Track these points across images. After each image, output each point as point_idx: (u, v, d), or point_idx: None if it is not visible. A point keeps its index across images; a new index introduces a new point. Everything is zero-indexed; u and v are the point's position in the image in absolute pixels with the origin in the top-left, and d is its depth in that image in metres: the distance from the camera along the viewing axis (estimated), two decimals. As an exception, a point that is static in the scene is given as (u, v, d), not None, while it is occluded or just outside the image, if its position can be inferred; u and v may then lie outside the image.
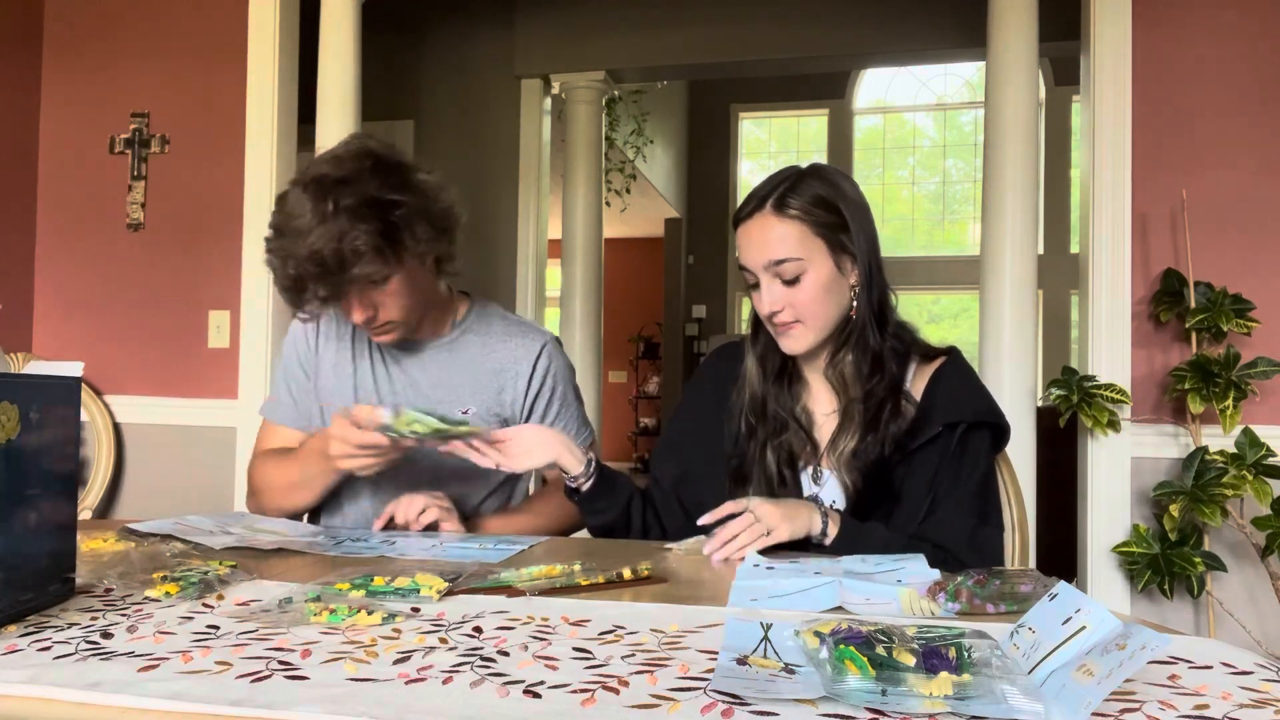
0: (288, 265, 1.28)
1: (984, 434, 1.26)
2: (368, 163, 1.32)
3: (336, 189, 1.27)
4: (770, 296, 1.24)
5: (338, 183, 1.28)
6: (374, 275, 1.31)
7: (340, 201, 1.26)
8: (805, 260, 1.23)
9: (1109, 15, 2.67)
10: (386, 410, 1.22)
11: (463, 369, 1.52)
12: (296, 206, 1.28)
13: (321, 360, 1.54)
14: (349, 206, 1.26)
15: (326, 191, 1.27)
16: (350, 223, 1.26)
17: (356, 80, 3.01)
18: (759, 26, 4.64)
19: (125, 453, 3.16)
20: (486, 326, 1.56)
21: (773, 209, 1.23)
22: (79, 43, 3.23)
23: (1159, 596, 2.55)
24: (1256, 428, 2.47)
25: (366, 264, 1.28)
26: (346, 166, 1.31)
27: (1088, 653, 0.62)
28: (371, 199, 1.28)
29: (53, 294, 3.22)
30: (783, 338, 1.27)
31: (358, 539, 1.26)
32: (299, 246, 1.26)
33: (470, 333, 1.55)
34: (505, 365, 1.52)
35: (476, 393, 1.51)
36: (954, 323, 9.63)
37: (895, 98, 9.79)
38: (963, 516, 1.21)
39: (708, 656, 0.71)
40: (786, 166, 1.31)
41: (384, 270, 1.31)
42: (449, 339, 1.54)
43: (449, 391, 1.50)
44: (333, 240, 1.25)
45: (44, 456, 0.80)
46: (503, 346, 1.54)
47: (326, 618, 0.79)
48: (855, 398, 1.27)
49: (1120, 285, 2.64)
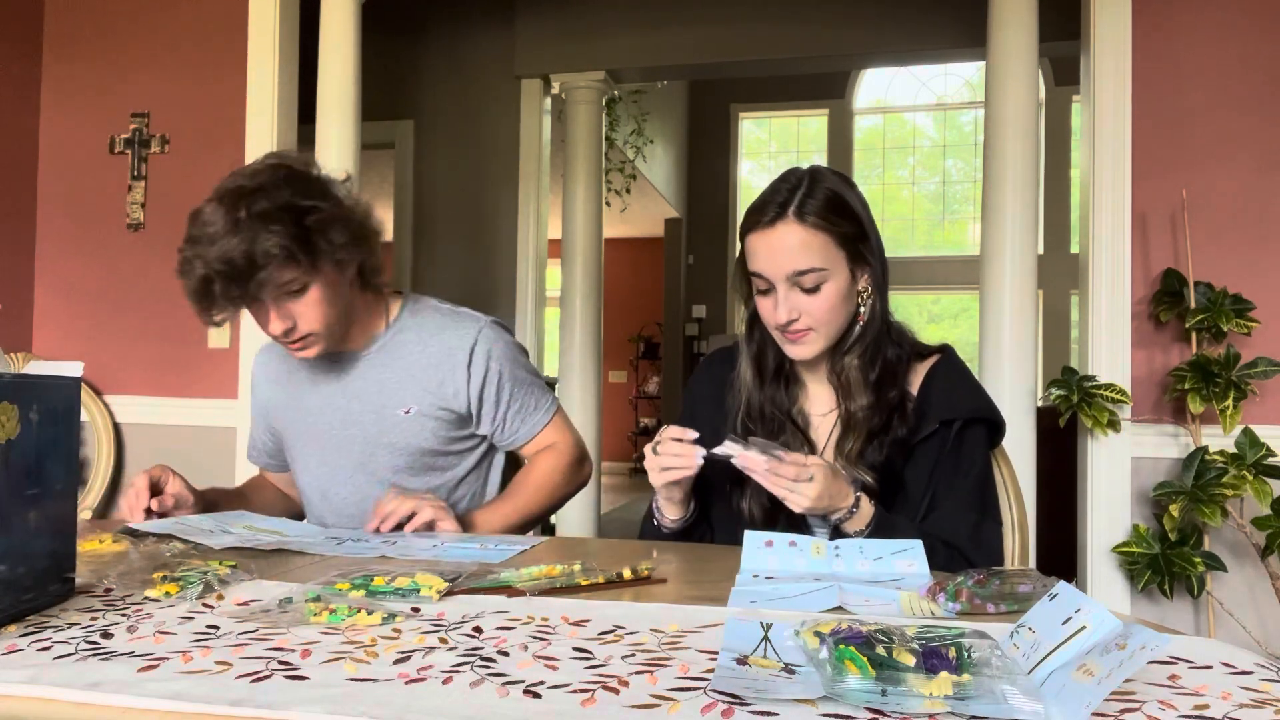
0: (196, 268, 1.28)
1: (980, 430, 1.27)
2: (281, 173, 1.34)
3: (249, 197, 1.29)
4: (788, 305, 1.23)
5: (251, 192, 1.29)
6: (290, 282, 1.32)
7: (252, 208, 1.28)
8: (828, 270, 1.22)
9: (1109, 15, 2.67)
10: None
11: (399, 369, 1.51)
12: (210, 217, 1.29)
13: (273, 402, 1.61)
14: (261, 212, 1.28)
15: (238, 200, 1.28)
16: (262, 225, 1.27)
17: (356, 80, 3.01)
18: (759, 26, 4.63)
19: (125, 453, 3.16)
20: (420, 322, 1.55)
21: (795, 217, 1.21)
22: (79, 43, 3.23)
23: (1159, 596, 2.55)
24: (1256, 428, 2.47)
25: (278, 267, 1.29)
26: (260, 178, 1.32)
27: (1088, 653, 0.62)
28: (284, 204, 1.30)
29: (53, 294, 3.22)
30: (794, 345, 1.26)
31: (358, 539, 1.26)
32: (209, 250, 1.27)
33: (405, 331, 1.54)
34: (441, 358, 1.51)
35: (415, 390, 1.50)
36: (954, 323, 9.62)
37: (895, 98, 9.79)
38: (964, 512, 1.22)
39: (708, 656, 0.71)
40: (790, 170, 1.28)
41: (298, 276, 1.32)
42: (381, 342, 1.53)
43: (389, 394, 1.50)
44: (244, 244, 1.26)
45: (44, 456, 0.80)
46: (436, 339, 1.53)
47: (326, 618, 0.79)
48: (864, 404, 1.26)
49: (1120, 285, 2.64)
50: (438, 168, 4.85)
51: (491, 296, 4.74)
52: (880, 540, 1.10)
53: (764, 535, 1.10)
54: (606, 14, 4.85)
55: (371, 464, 1.51)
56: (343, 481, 1.53)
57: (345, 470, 1.53)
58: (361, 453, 1.51)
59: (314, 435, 1.54)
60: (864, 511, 1.18)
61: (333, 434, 1.53)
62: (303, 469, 1.58)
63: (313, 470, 1.56)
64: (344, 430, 1.52)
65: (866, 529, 1.18)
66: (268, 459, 1.70)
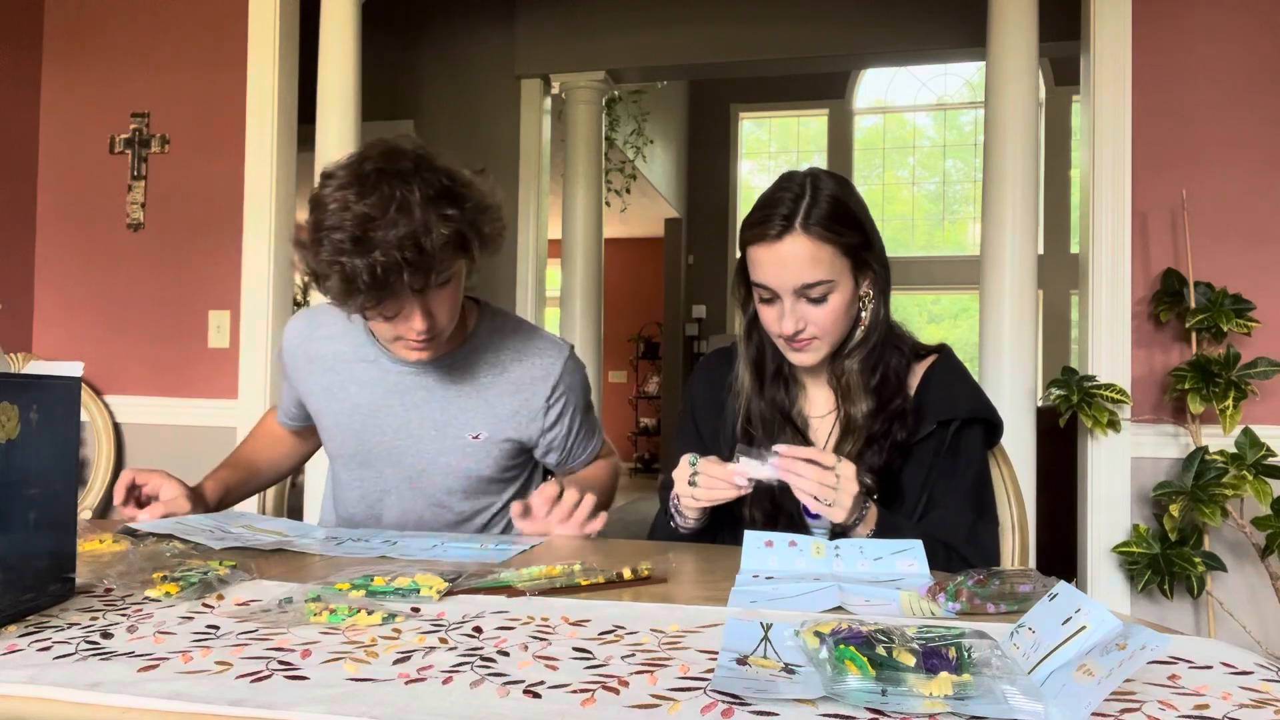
0: (374, 257, 1.13)
1: (977, 430, 1.28)
2: (421, 153, 1.22)
3: (407, 178, 1.16)
4: (794, 316, 1.22)
5: (406, 174, 1.17)
6: (450, 271, 1.21)
7: (419, 191, 1.15)
8: (835, 282, 1.21)
9: (1109, 15, 2.67)
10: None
11: (472, 390, 1.41)
12: (359, 204, 1.14)
13: (311, 388, 1.48)
14: (431, 196, 1.16)
15: (395, 182, 1.15)
16: (434, 209, 1.16)
17: (356, 80, 3.01)
18: (759, 26, 4.63)
19: (125, 453, 3.16)
20: (500, 343, 1.44)
21: (802, 229, 1.19)
22: (79, 43, 3.23)
23: (1159, 596, 2.55)
24: (1256, 428, 2.47)
25: (446, 257, 1.18)
26: (401, 160, 1.19)
27: (1088, 653, 0.62)
28: (445, 188, 1.19)
29: (53, 294, 3.22)
30: (798, 353, 1.26)
31: (358, 539, 1.26)
32: (388, 235, 1.13)
33: (481, 350, 1.43)
34: (520, 386, 1.42)
35: (487, 416, 1.41)
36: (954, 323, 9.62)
37: (895, 98, 9.79)
38: (961, 512, 1.22)
39: (708, 656, 0.71)
40: (788, 175, 1.26)
41: (456, 266, 1.22)
42: (456, 355, 1.41)
43: (455, 414, 1.41)
44: (420, 227, 1.14)
45: (44, 456, 0.80)
46: (517, 366, 1.42)
47: (326, 618, 0.79)
48: (865, 409, 1.26)
49: (1120, 285, 2.64)
50: (438, 168, 4.84)
51: (491, 296, 4.71)
52: (880, 540, 1.10)
53: (764, 535, 1.10)
54: (606, 14, 4.85)
55: (422, 480, 1.44)
56: (388, 490, 1.46)
57: (391, 480, 1.45)
58: (413, 467, 1.43)
59: (360, 436, 1.44)
60: (871, 514, 1.18)
61: (384, 441, 1.43)
62: (343, 467, 1.49)
63: (354, 471, 1.47)
64: (396, 440, 1.43)
65: (874, 530, 1.18)
66: (294, 423, 1.59)
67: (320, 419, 1.49)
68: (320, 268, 1.18)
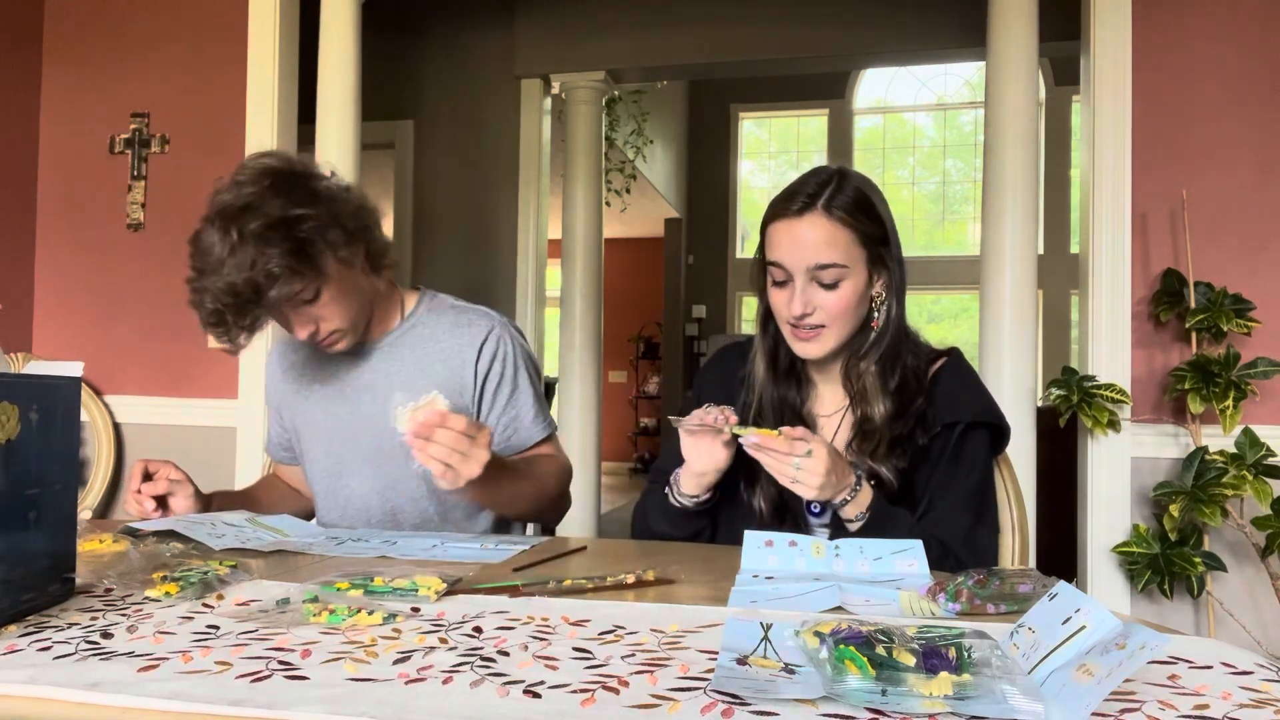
0: (205, 301, 1.29)
1: (982, 434, 1.27)
2: (266, 183, 1.32)
3: (240, 217, 1.27)
4: (804, 298, 1.22)
5: (240, 211, 1.28)
6: (300, 292, 1.31)
7: (245, 229, 1.26)
8: (849, 268, 1.22)
9: (1109, 15, 2.67)
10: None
11: (411, 362, 1.51)
12: (207, 244, 1.29)
13: (284, 394, 1.60)
14: (254, 232, 1.26)
15: (230, 221, 1.27)
16: (259, 248, 1.26)
17: (356, 80, 3.01)
18: (759, 26, 4.63)
19: (125, 453, 3.16)
20: (436, 318, 1.55)
21: (824, 210, 1.20)
22: (79, 43, 3.23)
23: (1159, 596, 2.55)
24: (1256, 428, 2.47)
25: (285, 285, 1.28)
26: (246, 192, 1.30)
27: (1088, 652, 0.62)
28: (276, 220, 1.28)
29: (53, 294, 3.22)
30: (803, 342, 1.26)
31: (358, 539, 1.26)
32: (215, 281, 1.27)
33: (420, 326, 1.54)
34: (453, 353, 1.51)
35: (426, 385, 1.46)
36: (954, 323, 9.62)
37: (895, 98, 9.79)
38: (959, 515, 1.22)
39: (708, 656, 0.71)
40: (820, 166, 1.28)
41: (307, 285, 1.32)
42: (395, 334, 1.53)
43: (401, 387, 1.48)
44: (244, 269, 1.25)
45: (44, 456, 0.80)
46: (450, 335, 1.53)
47: (326, 618, 0.79)
48: (884, 412, 1.25)
49: (1120, 285, 2.64)
50: (438, 168, 4.85)
51: (491, 296, 4.73)
52: (880, 540, 1.10)
53: (764, 535, 1.10)
54: (606, 14, 4.85)
55: (379, 458, 1.50)
56: (351, 474, 1.52)
57: (352, 463, 1.52)
58: (369, 445, 1.50)
59: (323, 427, 1.54)
60: (864, 493, 1.18)
61: (341, 426, 1.52)
62: (311, 461, 1.57)
63: (320, 462, 1.56)
64: (351, 422, 1.51)
65: (866, 513, 1.18)
66: (283, 452, 1.69)
67: (297, 427, 1.58)
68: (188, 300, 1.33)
